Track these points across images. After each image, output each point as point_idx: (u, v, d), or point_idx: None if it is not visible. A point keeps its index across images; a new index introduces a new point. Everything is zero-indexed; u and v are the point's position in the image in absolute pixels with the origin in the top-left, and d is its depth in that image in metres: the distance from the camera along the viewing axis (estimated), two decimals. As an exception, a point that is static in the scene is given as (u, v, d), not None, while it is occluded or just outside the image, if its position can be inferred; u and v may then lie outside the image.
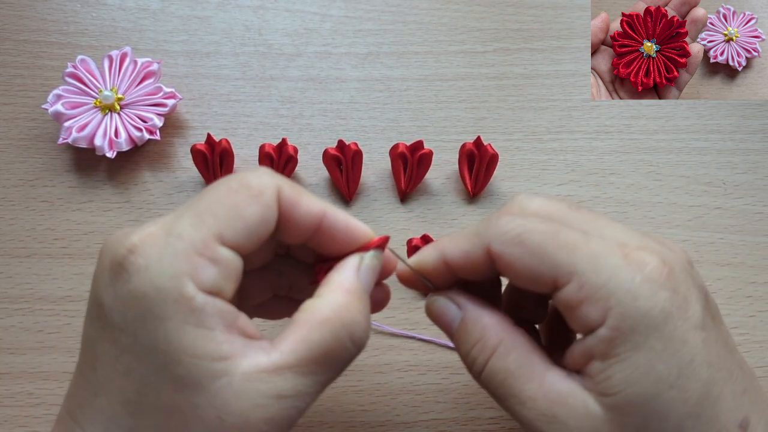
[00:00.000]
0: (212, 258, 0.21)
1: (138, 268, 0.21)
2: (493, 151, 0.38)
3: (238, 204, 0.22)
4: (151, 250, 0.21)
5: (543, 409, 0.22)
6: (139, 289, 0.20)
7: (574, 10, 0.46)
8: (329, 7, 0.45)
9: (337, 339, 0.22)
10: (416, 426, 0.34)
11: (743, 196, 0.41)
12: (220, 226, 0.21)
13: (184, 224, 0.21)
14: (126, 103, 0.40)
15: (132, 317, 0.21)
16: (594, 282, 0.22)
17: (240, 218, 0.22)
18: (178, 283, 0.20)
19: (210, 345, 0.21)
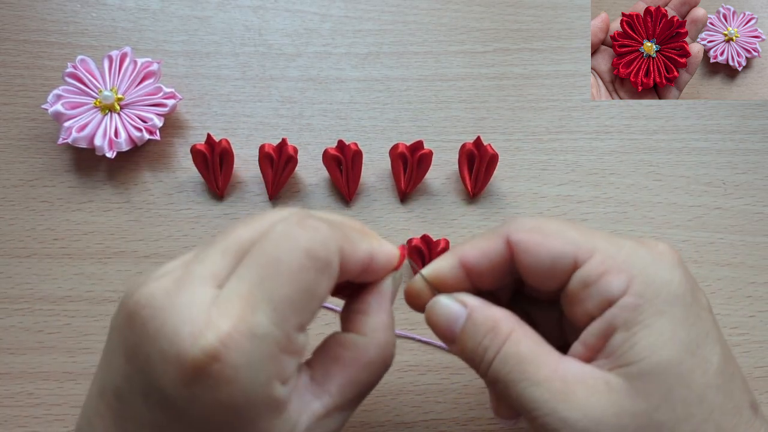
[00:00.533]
0: (294, 351, 0.21)
1: (227, 380, 0.19)
2: (493, 151, 0.38)
3: (313, 285, 0.20)
4: (238, 359, 0.19)
5: (558, 389, 0.22)
6: (229, 400, 0.19)
7: (574, 10, 0.46)
8: (329, 7, 0.45)
9: (380, 377, 0.24)
10: (416, 426, 0.34)
11: (743, 196, 0.41)
12: (300, 315, 0.20)
13: (265, 321, 0.19)
14: (126, 104, 0.40)
15: (218, 420, 0.20)
16: (616, 256, 0.23)
17: (315, 299, 0.21)
18: (269, 389, 0.20)
19: (288, 424, 0.21)
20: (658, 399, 0.21)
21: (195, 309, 0.19)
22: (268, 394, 0.20)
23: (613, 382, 0.22)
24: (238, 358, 0.19)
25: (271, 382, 0.20)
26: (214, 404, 0.19)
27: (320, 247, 0.21)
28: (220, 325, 0.19)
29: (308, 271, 0.20)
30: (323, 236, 0.21)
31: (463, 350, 0.25)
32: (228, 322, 0.19)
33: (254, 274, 0.20)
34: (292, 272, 0.20)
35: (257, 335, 0.19)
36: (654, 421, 0.21)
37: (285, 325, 0.20)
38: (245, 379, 0.19)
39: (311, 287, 0.20)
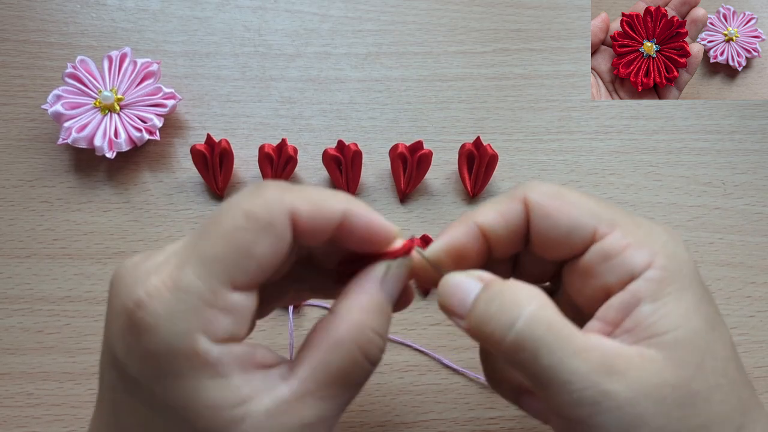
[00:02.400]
0: (224, 308, 0.20)
1: (147, 327, 0.20)
2: (493, 151, 0.38)
3: (247, 243, 0.20)
4: (159, 307, 0.20)
5: (598, 359, 0.20)
6: (150, 348, 0.20)
7: (574, 10, 0.46)
8: (329, 7, 0.45)
9: (353, 360, 0.22)
10: (416, 426, 0.34)
11: (743, 196, 0.41)
12: (230, 272, 0.20)
13: (190, 275, 0.20)
14: (126, 104, 0.40)
15: (147, 374, 0.20)
16: (636, 231, 0.23)
17: (250, 258, 0.20)
18: (190, 341, 0.20)
19: (229, 393, 0.20)
20: (693, 368, 0.21)
21: (141, 272, 0.21)
22: (191, 346, 0.20)
23: (646, 353, 0.21)
24: (158, 306, 0.20)
25: (192, 333, 0.20)
26: (141, 353, 0.20)
27: (259, 208, 0.20)
28: (150, 279, 0.20)
29: (243, 231, 0.20)
30: (267, 198, 0.21)
31: (477, 320, 0.22)
32: (157, 277, 0.20)
33: (194, 237, 0.21)
34: (225, 231, 0.20)
35: (180, 287, 0.20)
36: (692, 391, 0.21)
37: (211, 279, 0.20)
38: (165, 326, 0.20)
39: (246, 246, 0.20)
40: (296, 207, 0.21)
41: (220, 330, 0.20)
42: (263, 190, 0.21)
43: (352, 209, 0.22)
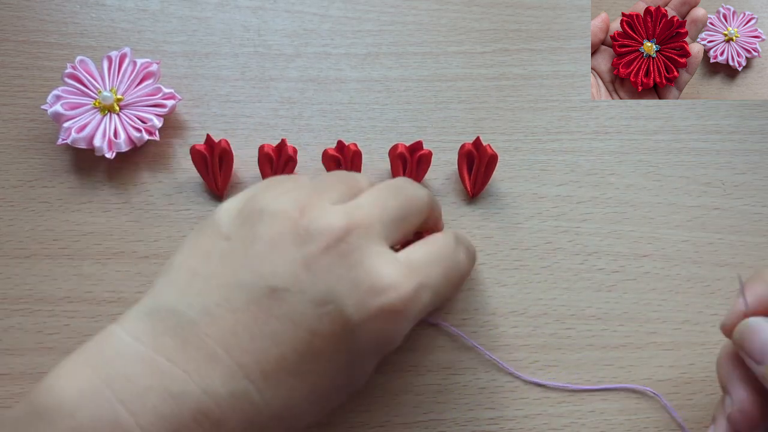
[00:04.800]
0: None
1: (400, 325, 0.26)
2: (493, 151, 0.38)
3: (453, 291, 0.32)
4: (411, 315, 0.26)
5: None
6: (389, 335, 0.26)
7: (574, 10, 0.46)
8: (328, 7, 0.45)
9: (447, 245, 0.29)
10: (415, 426, 0.34)
11: (743, 196, 0.41)
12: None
13: (428, 297, 0.27)
14: (125, 104, 0.40)
15: (369, 346, 0.26)
16: None
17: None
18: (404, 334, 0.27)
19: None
20: None
21: (388, 264, 0.25)
22: (396, 345, 0.27)
23: None
24: (412, 314, 0.26)
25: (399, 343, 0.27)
26: (377, 334, 0.25)
27: (467, 275, 0.31)
28: (408, 285, 0.25)
29: (454, 291, 0.32)
30: (471, 267, 0.32)
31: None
32: (412, 287, 0.25)
33: (437, 266, 0.27)
34: (453, 285, 0.29)
35: (423, 304, 0.26)
36: None
37: (435, 303, 0.28)
38: (402, 332, 0.26)
39: (452, 291, 0.30)
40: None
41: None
42: (463, 250, 0.31)
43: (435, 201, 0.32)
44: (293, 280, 0.24)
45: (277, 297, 0.24)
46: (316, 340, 0.24)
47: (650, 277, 0.38)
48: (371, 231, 0.25)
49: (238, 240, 0.25)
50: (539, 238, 0.39)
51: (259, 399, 0.23)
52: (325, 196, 0.27)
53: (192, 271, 0.25)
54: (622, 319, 0.37)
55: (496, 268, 0.38)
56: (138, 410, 0.21)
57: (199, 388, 0.22)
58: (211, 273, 0.25)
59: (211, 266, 0.25)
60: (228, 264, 0.25)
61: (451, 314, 0.36)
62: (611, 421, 0.34)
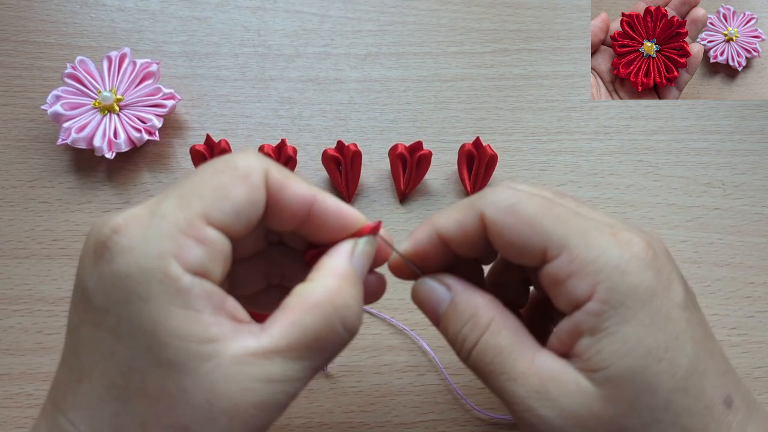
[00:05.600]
0: (198, 238, 0.21)
1: (121, 248, 0.20)
2: (492, 151, 0.38)
3: (225, 184, 0.21)
4: (135, 230, 0.20)
5: (535, 386, 0.22)
6: (122, 269, 0.20)
7: (574, 10, 0.46)
8: (328, 8, 0.45)
9: (329, 324, 0.22)
10: (415, 427, 0.34)
11: (742, 196, 0.41)
12: (206, 206, 0.21)
13: (169, 204, 0.21)
14: (125, 104, 0.40)
15: (115, 298, 0.20)
16: (584, 257, 0.22)
17: (226, 199, 0.21)
18: (163, 263, 0.20)
19: (197, 327, 0.20)
20: (624, 406, 0.21)
21: (124, 210, 0.22)
22: (163, 268, 0.20)
23: (583, 384, 0.22)
24: (135, 229, 0.20)
25: (165, 257, 0.20)
26: (112, 277, 0.20)
27: (241, 161, 0.22)
28: (129, 210, 0.21)
29: (221, 174, 0.22)
30: (249, 157, 0.23)
31: (445, 334, 0.25)
32: (137, 208, 0.21)
33: (179, 182, 0.22)
34: (205, 174, 0.22)
35: (156, 213, 0.21)
36: (621, 427, 0.21)
37: (187, 210, 0.21)
38: (138, 249, 0.20)
39: (223, 186, 0.21)
40: (270, 169, 0.23)
41: (192, 259, 0.20)
42: (243, 151, 0.23)
43: (322, 194, 0.24)
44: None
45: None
46: (79, 331, 0.22)
47: (650, 277, 0.38)
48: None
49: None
50: (539, 238, 0.39)
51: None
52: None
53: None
54: (621, 319, 0.37)
55: (496, 268, 0.38)
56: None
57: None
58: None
59: None
60: None
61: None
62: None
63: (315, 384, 0.35)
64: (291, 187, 0.23)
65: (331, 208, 0.24)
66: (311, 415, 0.34)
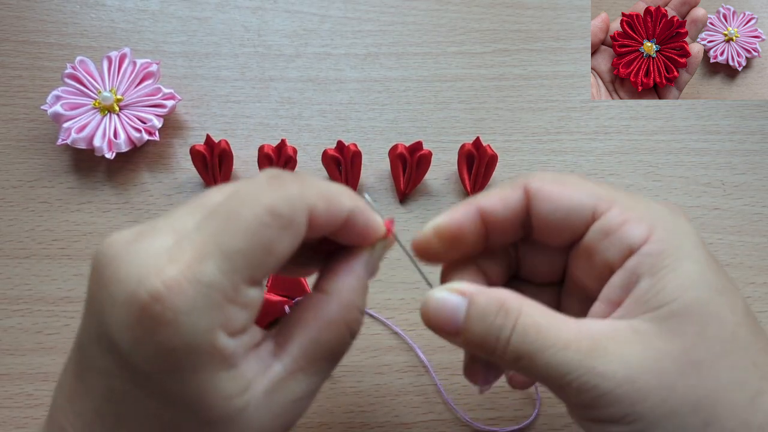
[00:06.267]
0: (243, 303, 0.20)
1: (166, 322, 0.19)
2: (492, 151, 0.38)
3: (271, 241, 0.20)
4: (180, 302, 0.19)
5: (588, 347, 0.21)
6: (167, 343, 0.19)
7: (574, 10, 0.46)
8: (328, 8, 0.45)
9: (341, 338, 0.23)
10: (415, 427, 0.34)
11: (742, 196, 0.41)
12: (252, 268, 0.20)
13: (214, 269, 0.19)
14: (125, 104, 0.40)
15: (160, 368, 0.20)
16: (635, 207, 0.23)
17: (271, 255, 0.20)
18: (211, 337, 0.19)
19: (239, 382, 0.21)
20: (692, 338, 0.21)
21: (148, 256, 0.20)
22: (211, 342, 0.19)
23: (641, 327, 0.21)
24: (180, 301, 0.19)
25: (214, 330, 0.19)
26: (155, 348, 0.19)
27: (283, 204, 0.20)
28: (167, 270, 0.19)
29: (267, 227, 0.20)
30: (289, 194, 0.21)
31: (471, 338, 0.23)
32: (175, 268, 0.19)
33: (213, 227, 0.20)
34: (249, 226, 0.20)
35: (202, 282, 0.19)
36: (693, 360, 0.21)
37: (234, 276, 0.20)
38: (185, 323, 0.19)
39: (269, 243, 0.20)
40: (314, 204, 0.21)
41: (237, 324, 0.20)
42: (283, 183, 0.21)
43: (358, 207, 0.23)
44: (81, 328, 0.22)
45: (79, 350, 0.22)
46: (113, 381, 0.21)
47: (650, 277, 0.38)
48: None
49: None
50: (539, 238, 0.39)
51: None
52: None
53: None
54: (622, 319, 0.37)
55: (496, 268, 0.38)
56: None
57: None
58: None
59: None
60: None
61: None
62: (611, 422, 0.34)
63: (315, 384, 0.35)
64: (333, 210, 0.22)
65: (362, 221, 0.23)
66: (311, 415, 0.34)
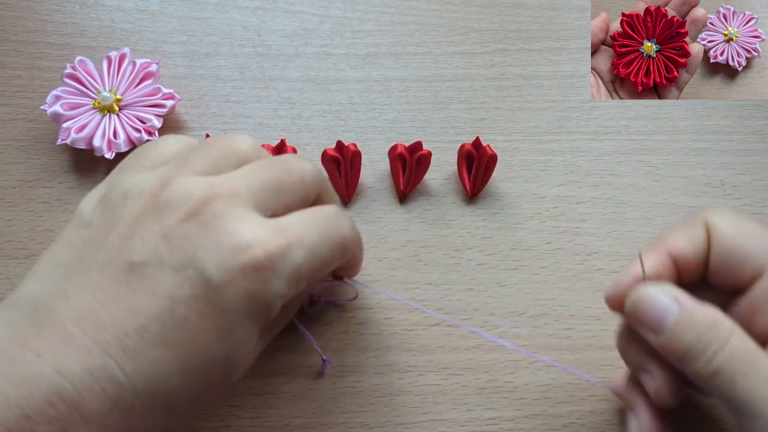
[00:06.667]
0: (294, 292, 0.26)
1: (266, 279, 0.24)
2: (492, 151, 0.38)
3: (333, 263, 0.27)
4: (281, 269, 0.24)
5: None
6: (255, 293, 0.24)
7: (574, 10, 0.46)
8: (328, 8, 0.45)
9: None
10: (415, 427, 0.34)
11: (742, 197, 0.41)
12: (313, 276, 0.26)
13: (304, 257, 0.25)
14: (125, 104, 0.40)
15: (234, 306, 0.23)
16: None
17: (325, 272, 0.28)
18: (277, 304, 0.25)
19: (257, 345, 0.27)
20: None
21: (253, 224, 0.24)
22: (276, 308, 0.25)
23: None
24: (283, 271, 0.24)
25: (281, 300, 0.25)
26: (243, 291, 0.23)
27: (349, 241, 0.28)
28: (275, 241, 0.24)
29: (338, 254, 0.27)
30: (353, 233, 0.28)
31: (675, 340, 0.25)
32: (279, 243, 0.24)
33: (311, 227, 0.26)
34: (331, 246, 0.26)
35: (295, 262, 0.24)
36: None
37: (307, 272, 0.25)
38: (275, 286, 0.24)
39: (332, 264, 0.27)
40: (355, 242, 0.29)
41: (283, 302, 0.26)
42: (347, 218, 0.28)
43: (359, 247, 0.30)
44: (152, 253, 0.23)
45: (137, 271, 0.23)
46: (177, 306, 0.23)
47: (650, 278, 0.38)
48: (236, 198, 0.24)
49: (100, 226, 0.25)
50: (539, 238, 0.39)
51: (120, 375, 0.22)
52: (188, 168, 0.26)
53: (53, 263, 0.25)
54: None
55: (496, 268, 0.38)
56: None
57: (52, 369, 0.21)
58: (72, 260, 0.24)
59: (72, 254, 0.25)
60: (89, 249, 0.24)
61: (452, 314, 0.36)
62: (611, 421, 0.34)
63: (315, 384, 0.35)
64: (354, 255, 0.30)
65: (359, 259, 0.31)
66: (311, 416, 0.34)
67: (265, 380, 0.34)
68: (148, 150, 0.28)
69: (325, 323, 0.36)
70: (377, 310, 0.37)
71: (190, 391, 0.24)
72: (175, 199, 0.24)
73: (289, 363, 0.35)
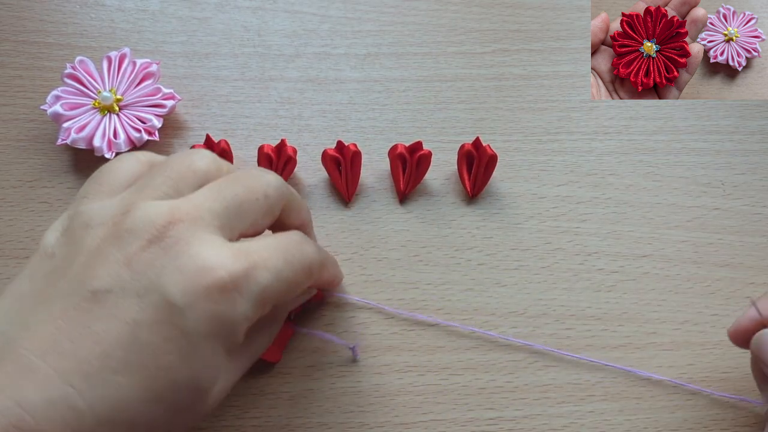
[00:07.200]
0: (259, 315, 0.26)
1: (233, 304, 0.24)
2: (492, 151, 0.38)
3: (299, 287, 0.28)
4: (246, 291, 0.24)
5: None
6: (224, 317, 0.24)
7: (574, 10, 0.46)
8: (328, 8, 0.45)
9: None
10: (415, 427, 0.34)
11: (742, 197, 0.41)
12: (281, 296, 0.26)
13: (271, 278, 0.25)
14: (125, 104, 0.40)
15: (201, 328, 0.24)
16: None
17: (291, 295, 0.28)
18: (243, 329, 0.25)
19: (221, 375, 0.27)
20: None
21: (216, 247, 0.24)
22: (242, 331, 0.25)
23: None
24: (248, 293, 0.24)
25: (246, 323, 0.25)
26: (209, 314, 0.23)
27: (315, 266, 0.28)
28: (238, 264, 0.24)
29: (302, 277, 0.27)
30: (321, 256, 0.29)
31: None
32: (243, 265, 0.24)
33: (276, 250, 0.26)
34: (296, 269, 0.27)
35: (261, 284, 0.25)
36: None
37: (274, 294, 0.25)
38: (240, 308, 0.24)
39: (298, 289, 0.27)
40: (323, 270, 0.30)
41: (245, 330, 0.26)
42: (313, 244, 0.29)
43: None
44: (115, 280, 0.23)
45: (100, 299, 0.23)
46: (140, 331, 0.23)
47: (650, 278, 0.38)
48: (198, 222, 0.24)
49: (63, 256, 0.25)
50: (539, 238, 0.39)
51: (81, 403, 0.22)
52: (148, 193, 0.26)
53: (16, 295, 0.25)
54: (621, 319, 0.37)
55: (496, 268, 0.38)
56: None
57: (12, 401, 0.21)
58: (34, 291, 0.25)
59: (35, 285, 0.25)
60: (51, 279, 0.24)
61: (452, 314, 0.36)
62: (611, 421, 0.34)
63: (314, 384, 0.35)
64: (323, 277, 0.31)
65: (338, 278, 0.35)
66: (311, 416, 0.34)
67: (265, 380, 0.34)
68: (106, 174, 0.28)
69: (326, 323, 0.36)
70: (377, 310, 0.37)
71: (155, 418, 0.24)
72: (137, 226, 0.24)
73: (290, 363, 0.35)
